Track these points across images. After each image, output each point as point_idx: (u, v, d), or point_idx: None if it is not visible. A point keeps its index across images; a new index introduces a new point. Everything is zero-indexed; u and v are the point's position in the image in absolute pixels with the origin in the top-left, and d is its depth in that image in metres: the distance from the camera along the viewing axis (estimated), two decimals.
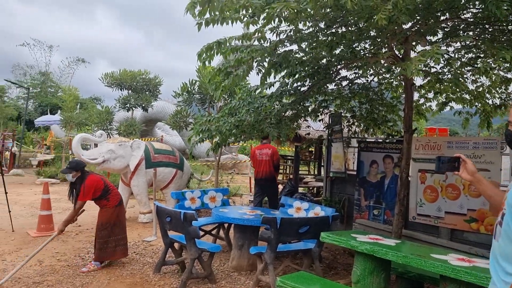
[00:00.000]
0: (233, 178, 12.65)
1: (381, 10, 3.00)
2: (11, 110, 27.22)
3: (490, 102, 5.88)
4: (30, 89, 33.92)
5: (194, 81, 9.16)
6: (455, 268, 2.94)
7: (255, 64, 4.56)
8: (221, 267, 5.49)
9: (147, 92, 13.53)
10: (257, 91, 5.34)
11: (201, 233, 6.16)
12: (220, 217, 5.39)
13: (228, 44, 4.23)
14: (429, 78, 5.43)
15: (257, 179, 8.01)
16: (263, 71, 4.70)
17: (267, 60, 4.56)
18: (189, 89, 9.09)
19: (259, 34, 3.95)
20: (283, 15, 3.63)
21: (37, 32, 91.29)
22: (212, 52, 4.22)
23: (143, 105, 12.68)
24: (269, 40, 4.43)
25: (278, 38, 4.35)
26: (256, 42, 4.24)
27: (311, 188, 10.63)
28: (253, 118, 4.88)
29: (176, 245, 5.27)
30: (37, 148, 21.11)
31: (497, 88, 5.61)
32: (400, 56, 4.67)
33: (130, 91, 13.66)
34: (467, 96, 5.89)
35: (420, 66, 3.11)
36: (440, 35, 4.57)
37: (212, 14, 3.70)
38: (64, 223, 5.03)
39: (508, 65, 4.44)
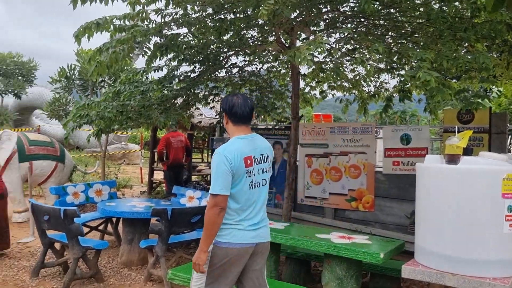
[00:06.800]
0: (120, 169, 11.96)
1: (264, 3, 2.98)
2: None
3: (366, 90, 6.40)
4: None
5: (73, 66, 8.42)
6: (337, 246, 3.15)
7: (137, 46, 4.29)
8: (110, 264, 5.17)
9: (19, 77, 12.17)
10: (143, 73, 5.04)
11: (87, 229, 5.76)
12: (107, 211, 5.06)
13: (109, 25, 3.90)
14: (313, 67, 5.69)
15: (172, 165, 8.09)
16: (149, 53, 4.47)
17: (152, 41, 4.33)
18: (68, 74, 8.33)
19: (143, 15, 3.71)
20: None
21: None
22: (91, 32, 3.86)
23: (15, 92, 11.35)
24: (154, 22, 4.21)
25: (163, 20, 4.15)
26: (139, 23, 3.97)
27: (204, 176, 10.59)
28: (138, 103, 4.60)
29: (57, 245, 4.81)
30: None
31: (371, 77, 6.13)
32: (287, 45, 4.81)
33: None
34: (346, 84, 6.33)
35: (308, 55, 3.17)
36: (322, 26, 4.80)
37: None
38: None
39: (380, 56, 4.85)
